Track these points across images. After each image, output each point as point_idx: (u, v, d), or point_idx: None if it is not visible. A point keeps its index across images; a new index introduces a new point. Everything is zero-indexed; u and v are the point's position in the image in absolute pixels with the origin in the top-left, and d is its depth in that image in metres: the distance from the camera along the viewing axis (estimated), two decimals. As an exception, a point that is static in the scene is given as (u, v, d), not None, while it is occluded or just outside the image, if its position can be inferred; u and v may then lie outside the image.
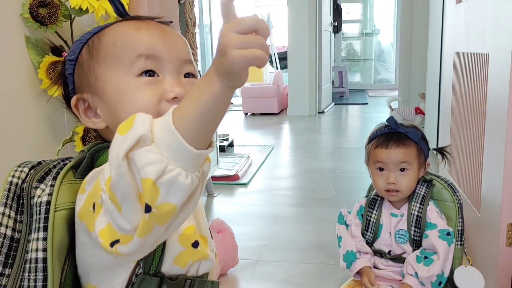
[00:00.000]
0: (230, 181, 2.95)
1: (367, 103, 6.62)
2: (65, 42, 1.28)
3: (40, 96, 1.17)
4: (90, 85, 0.63)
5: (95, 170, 0.59)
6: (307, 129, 4.82)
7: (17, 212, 0.62)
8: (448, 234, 1.27)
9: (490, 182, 1.50)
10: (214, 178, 2.81)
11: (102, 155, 0.62)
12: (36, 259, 0.57)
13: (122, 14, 0.66)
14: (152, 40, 0.61)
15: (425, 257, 1.26)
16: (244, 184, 2.91)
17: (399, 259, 1.33)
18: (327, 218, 2.29)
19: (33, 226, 0.58)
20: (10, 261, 0.59)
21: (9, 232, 0.60)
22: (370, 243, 1.37)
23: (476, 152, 1.67)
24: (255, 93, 5.85)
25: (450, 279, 1.35)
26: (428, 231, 1.28)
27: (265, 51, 0.46)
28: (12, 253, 0.60)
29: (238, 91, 7.38)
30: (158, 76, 0.61)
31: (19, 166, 0.65)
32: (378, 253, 1.36)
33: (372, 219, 1.36)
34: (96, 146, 0.63)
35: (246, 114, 5.96)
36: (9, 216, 0.61)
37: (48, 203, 0.58)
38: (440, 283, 1.24)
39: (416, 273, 1.25)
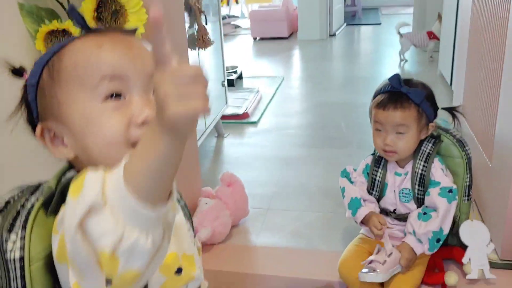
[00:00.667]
0: (239, 119, 2.94)
1: (380, 23, 6.38)
2: (61, 4, 1.22)
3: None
4: (54, 112, 0.58)
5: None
6: (318, 55, 4.71)
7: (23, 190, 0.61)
8: (450, 191, 1.26)
9: (505, 124, 1.45)
10: (224, 117, 2.79)
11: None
12: None
13: (84, 27, 0.61)
14: (115, 57, 0.56)
15: (424, 213, 1.27)
16: (254, 123, 2.90)
17: (404, 218, 1.34)
18: (337, 160, 2.29)
19: (12, 284, 0.56)
20: None
21: None
22: (376, 201, 1.38)
23: (492, 88, 1.60)
24: (264, 17, 5.66)
25: (457, 234, 1.37)
26: (431, 189, 1.28)
27: (207, 101, 0.42)
28: None
29: (246, 14, 7.14)
30: (125, 97, 0.57)
31: None
32: (384, 212, 1.37)
33: (377, 178, 1.35)
34: (65, 179, 0.59)
35: (255, 38, 5.81)
36: None
37: (22, 259, 0.55)
38: (438, 240, 1.25)
39: (414, 231, 1.26)
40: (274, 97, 3.39)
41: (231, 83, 3.50)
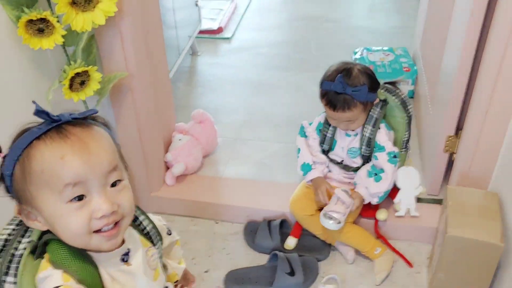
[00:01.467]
0: (214, 34, 3.01)
1: None
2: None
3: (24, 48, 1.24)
4: (28, 201, 0.69)
5: (44, 274, 0.69)
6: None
7: (18, 224, 0.75)
8: (395, 156, 1.50)
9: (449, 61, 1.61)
10: (199, 32, 2.86)
11: (52, 244, 0.71)
12: None
13: (47, 120, 0.68)
14: (76, 167, 0.65)
15: (375, 174, 1.51)
16: (227, 39, 2.99)
17: (349, 168, 1.58)
18: (304, 85, 2.46)
19: (10, 272, 0.71)
20: None
21: None
22: (326, 152, 1.60)
23: (443, 32, 1.72)
24: None
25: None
26: (378, 153, 1.50)
27: None
28: None
29: None
30: (86, 197, 0.67)
31: None
32: (333, 162, 1.60)
33: (328, 135, 1.56)
34: (45, 236, 0.72)
35: None
36: None
37: None
38: (384, 195, 1.52)
39: (367, 187, 1.51)
40: (249, 7, 3.41)
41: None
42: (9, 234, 0.75)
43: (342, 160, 1.59)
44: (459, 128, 1.58)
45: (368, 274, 1.56)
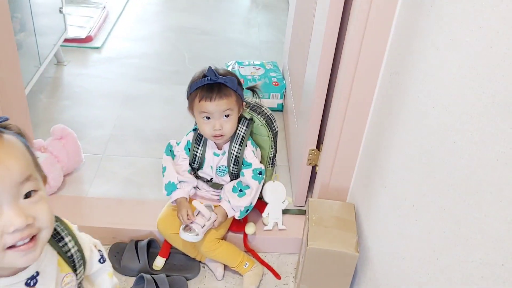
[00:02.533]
0: (82, 43, 2.86)
1: None
2: None
3: None
4: None
5: None
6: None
7: None
8: (260, 173, 1.51)
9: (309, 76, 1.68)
10: (66, 40, 2.69)
11: None
12: None
13: None
14: None
15: (240, 190, 1.51)
16: (97, 48, 2.85)
17: (219, 186, 1.57)
18: (176, 98, 2.42)
19: None
20: None
21: None
22: (196, 170, 1.57)
23: (305, 47, 1.79)
24: None
25: (260, 192, 1.64)
26: (244, 169, 1.51)
27: None
28: None
29: None
30: None
31: None
32: (202, 179, 1.58)
33: (198, 154, 1.54)
34: None
35: None
36: None
37: None
38: (247, 210, 1.52)
39: (229, 200, 1.51)
40: (121, 16, 3.30)
41: (75, -4, 3.30)
42: None
43: (211, 178, 1.57)
44: (320, 142, 1.65)
45: (237, 290, 1.56)
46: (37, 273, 0.71)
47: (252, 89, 1.58)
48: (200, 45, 3.01)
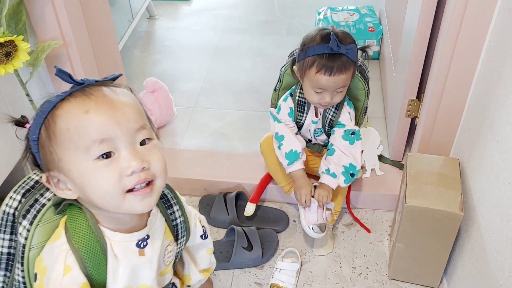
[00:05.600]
0: (173, -5, 2.86)
1: None
2: None
3: None
4: (55, 165, 0.66)
5: (53, 246, 0.69)
6: None
7: (12, 233, 0.73)
8: (353, 133, 1.39)
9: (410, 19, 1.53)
10: (156, -7, 2.71)
11: (73, 209, 0.71)
12: (19, 282, 0.73)
13: (71, 82, 0.65)
14: (102, 122, 0.62)
15: (328, 149, 1.42)
16: (187, 0, 2.84)
17: (318, 148, 1.51)
18: (266, 49, 2.36)
19: (17, 261, 0.72)
20: (10, 268, 0.74)
21: (5, 250, 0.73)
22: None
23: None
24: None
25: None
26: (336, 128, 1.40)
27: None
28: (10, 262, 0.74)
29: None
30: (114, 153, 0.64)
31: (14, 192, 0.73)
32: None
33: (302, 121, 1.44)
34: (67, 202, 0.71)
35: None
36: (3, 239, 0.73)
37: (24, 245, 0.70)
38: (352, 175, 1.39)
39: (327, 169, 1.39)
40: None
41: None
42: (36, 183, 0.74)
43: (310, 140, 1.50)
44: (421, 92, 1.51)
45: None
46: (148, 237, 0.73)
47: (364, 50, 1.39)
48: (290, -7, 2.88)
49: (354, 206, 1.61)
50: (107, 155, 0.63)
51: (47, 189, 0.73)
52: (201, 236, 0.89)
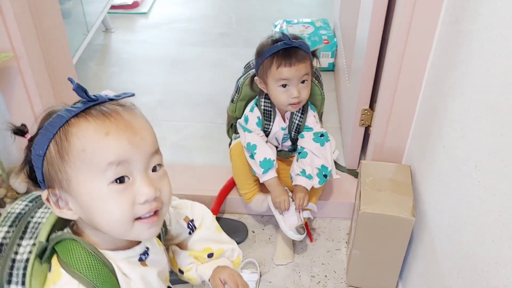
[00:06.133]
0: (129, 9, 2.84)
1: None
2: None
3: None
4: (62, 184, 0.63)
5: (60, 285, 0.64)
6: None
7: (11, 226, 0.69)
8: (322, 135, 1.43)
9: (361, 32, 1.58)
10: (112, 7, 2.69)
11: (64, 244, 0.66)
12: None
13: (86, 99, 0.63)
14: (121, 145, 0.61)
15: (299, 153, 1.45)
16: (144, 14, 2.83)
17: (284, 154, 1.53)
18: (224, 61, 2.37)
19: (13, 279, 0.65)
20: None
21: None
22: None
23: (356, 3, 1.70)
24: None
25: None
26: (305, 132, 1.44)
27: None
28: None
29: None
30: (129, 178, 0.62)
31: (21, 200, 0.72)
32: None
33: (269, 129, 1.47)
34: (56, 236, 0.67)
35: None
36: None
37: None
38: (325, 176, 1.43)
39: (302, 171, 1.42)
40: (167, -21, 3.25)
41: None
42: (4, 238, 0.68)
43: (277, 147, 1.51)
44: (374, 101, 1.55)
45: (287, 255, 1.52)
46: (148, 248, 0.73)
47: (314, 54, 1.43)
48: (247, 6, 2.92)
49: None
50: (121, 180, 0.62)
51: (18, 245, 0.67)
52: (189, 233, 0.88)
